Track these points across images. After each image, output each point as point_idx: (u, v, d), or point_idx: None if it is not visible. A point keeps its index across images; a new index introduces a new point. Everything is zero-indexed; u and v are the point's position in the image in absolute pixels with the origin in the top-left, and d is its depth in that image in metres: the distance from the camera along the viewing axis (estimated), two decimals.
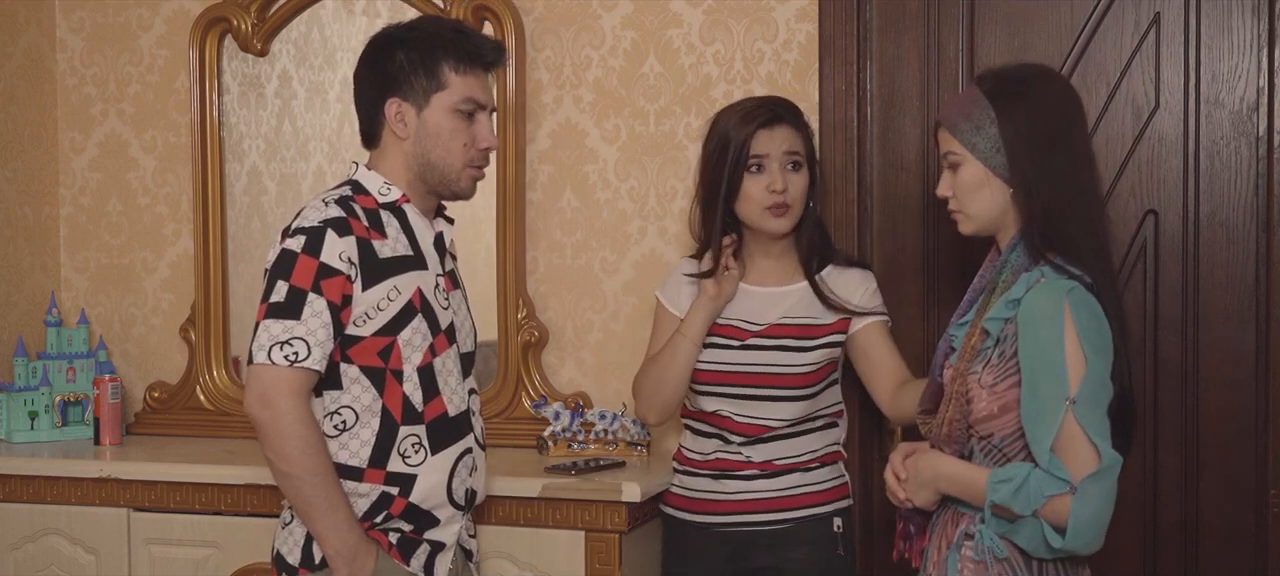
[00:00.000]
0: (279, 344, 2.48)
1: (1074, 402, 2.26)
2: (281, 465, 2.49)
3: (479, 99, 2.63)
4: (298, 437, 2.48)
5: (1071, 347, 2.27)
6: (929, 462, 2.45)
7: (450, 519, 2.65)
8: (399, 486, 2.58)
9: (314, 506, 2.50)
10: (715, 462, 2.96)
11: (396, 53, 2.61)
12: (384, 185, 2.62)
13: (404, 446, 2.58)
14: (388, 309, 2.55)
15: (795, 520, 2.93)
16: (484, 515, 3.00)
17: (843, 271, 2.98)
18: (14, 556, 3.37)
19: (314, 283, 2.49)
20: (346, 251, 2.52)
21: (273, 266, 2.53)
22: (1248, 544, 3.16)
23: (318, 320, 2.49)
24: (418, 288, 2.59)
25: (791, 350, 2.91)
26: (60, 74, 3.93)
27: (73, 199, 3.93)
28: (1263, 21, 3.09)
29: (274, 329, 2.48)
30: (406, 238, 2.62)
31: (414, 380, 2.59)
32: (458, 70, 2.60)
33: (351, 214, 2.55)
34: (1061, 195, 2.37)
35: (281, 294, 2.49)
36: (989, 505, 2.32)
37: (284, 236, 2.54)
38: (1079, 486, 2.24)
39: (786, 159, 2.88)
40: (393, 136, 2.63)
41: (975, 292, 2.53)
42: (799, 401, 2.92)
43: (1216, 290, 3.14)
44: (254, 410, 2.50)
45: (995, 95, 2.41)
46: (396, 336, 2.56)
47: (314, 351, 2.49)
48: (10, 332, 3.78)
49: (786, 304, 2.95)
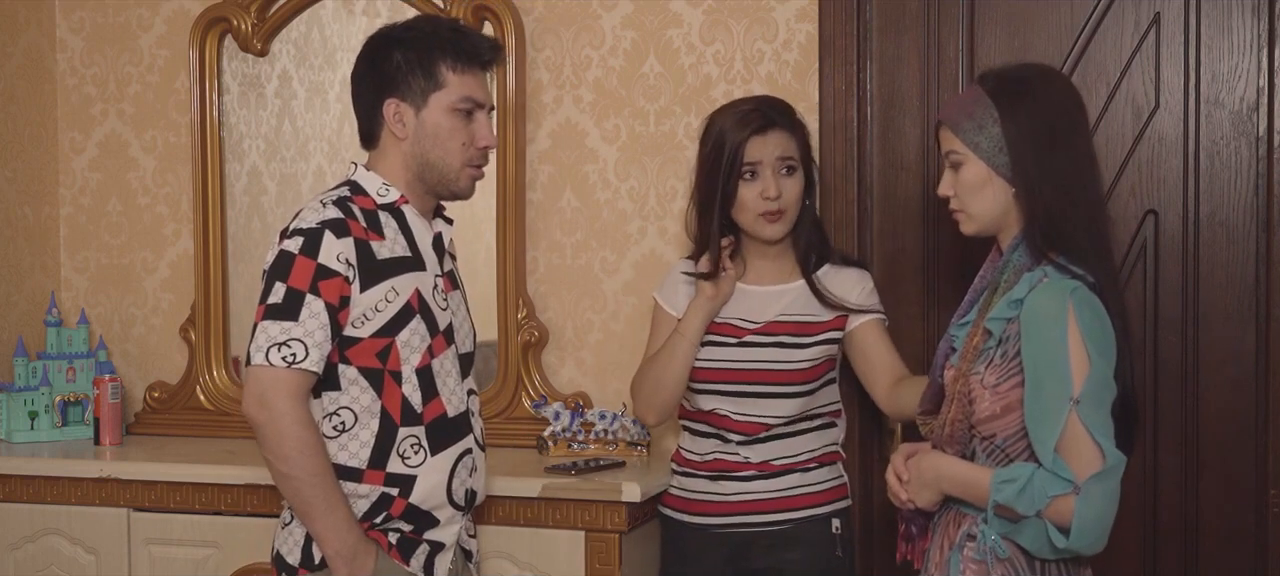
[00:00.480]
0: (277, 345, 2.47)
1: (1077, 402, 2.26)
2: (280, 466, 2.50)
3: (477, 98, 2.63)
4: (296, 438, 2.48)
5: (1075, 347, 2.27)
6: (931, 463, 2.45)
7: (450, 519, 2.65)
8: (399, 487, 2.58)
9: (313, 507, 2.50)
10: (713, 463, 2.96)
11: (393, 53, 2.61)
12: (382, 186, 2.62)
13: (403, 447, 2.58)
14: (386, 310, 2.55)
15: (793, 521, 2.93)
16: (484, 515, 3.00)
17: (839, 270, 2.98)
18: (14, 556, 3.37)
19: (312, 284, 2.49)
20: (344, 253, 2.51)
21: (270, 268, 2.53)
22: (1248, 544, 3.16)
23: (315, 321, 2.49)
24: (416, 288, 2.59)
25: (788, 347, 2.91)
26: (60, 74, 3.92)
27: (73, 199, 3.93)
28: (1263, 21, 3.09)
29: (272, 330, 2.48)
30: (405, 238, 2.62)
31: (413, 381, 2.58)
32: (455, 69, 2.60)
33: (349, 215, 2.55)
34: (1064, 195, 2.37)
35: (279, 295, 2.49)
36: (992, 505, 2.32)
37: (282, 237, 2.54)
38: (1083, 486, 2.24)
39: (780, 164, 2.89)
40: (391, 137, 2.62)
41: (976, 293, 2.53)
42: (795, 398, 2.92)
43: (1216, 290, 3.14)
44: (252, 411, 2.50)
45: (997, 95, 2.41)
46: (394, 337, 2.56)
47: (311, 353, 2.48)
48: (10, 332, 3.78)
49: (784, 302, 2.95)
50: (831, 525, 2.96)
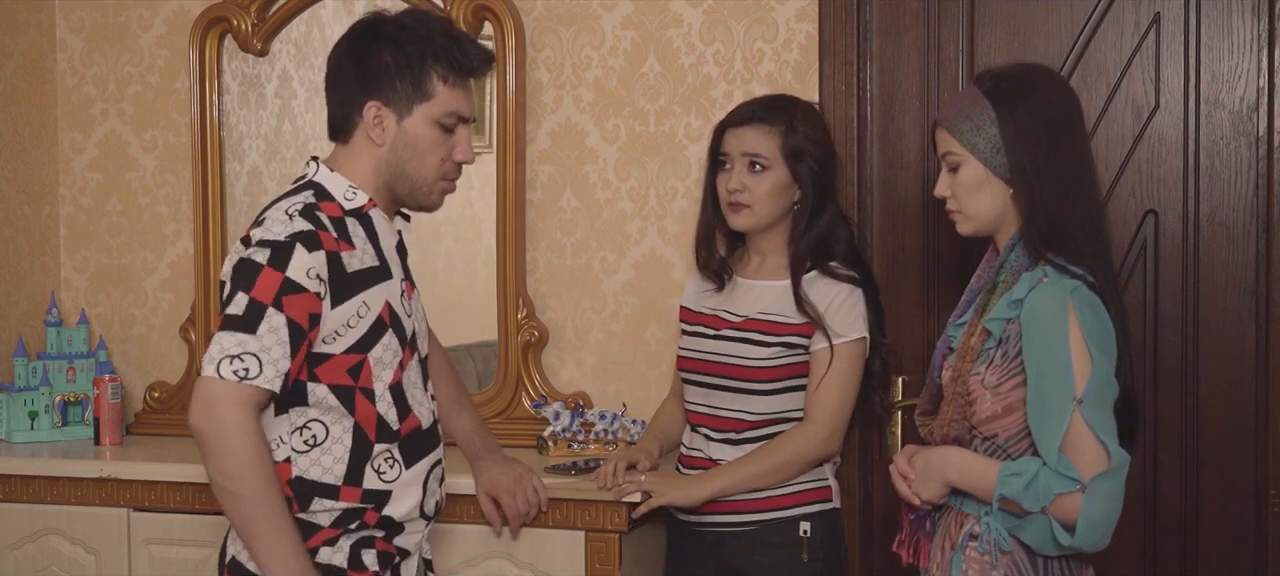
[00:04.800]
0: (230, 358, 2.32)
1: (1081, 402, 2.26)
2: (222, 481, 2.33)
3: (463, 112, 2.50)
4: (242, 451, 2.32)
5: (1077, 347, 2.28)
6: (939, 454, 2.43)
7: (416, 529, 2.58)
8: (374, 502, 2.48)
9: (256, 526, 2.34)
10: (694, 460, 2.97)
11: (382, 51, 2.47)
12: (349, 189, 2.48)
13: (378, 462, 2.48)
14: (358, 326, 2.43)
15: (759, 522, 2.88)
16: (483, 515, 2.99)
17: (827, 281, 2.89)
18: (14, 556, 3.37)
19: (275, 298, 2.33)
20: (315, 268, 2.37)
21: (233, 276, 2.38)
22: (1248, 544, 3.16)
23: (273, 337, 2.33)
24: (386, 300, 2.47)
25: (755, 344, 2.89)
26: (60, 74, 3.93)
27: (73, 199, 3.93)
28: (1263, 21, 3.09)
29: (227, 342, 2.33)
30: (372, 246, 2.48)
31: (387, 398, 2.47)
32: (447, 81, 2.47)
33: (319, 226, 2.40)
34: (1063, 195, 2.37)
35: (240, 306, 2.34)
36: (997, 498, 2.32)
37: (246, 246, 2.40)
38: (1089, 485, 2.24)
39: (745, 160, 2.88)
40: (366, 139, 2.49)
41: (973, 293, 2.53)
42: (758, 396, 2.89)
43: (1216, 290, 3.14)
44: (197, 421, 2.34)
45: (995, 95, 2.40)
46: (367, 354, 2.44)
47: (266, 369, 2.33)
48: (10, 332, 3.78)
49: (766, 299, 2.93)
50: (800, 528, 2.89)
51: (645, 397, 3.43)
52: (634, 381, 3.49)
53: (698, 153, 3.04)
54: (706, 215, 2.98)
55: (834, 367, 2.85)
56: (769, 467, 2.85)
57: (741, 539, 2.89)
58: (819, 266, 2.90)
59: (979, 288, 2.52)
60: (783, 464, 2.85)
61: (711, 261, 2.98)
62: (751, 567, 2.89)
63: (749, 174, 2.87)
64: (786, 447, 2.86)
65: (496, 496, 2.92)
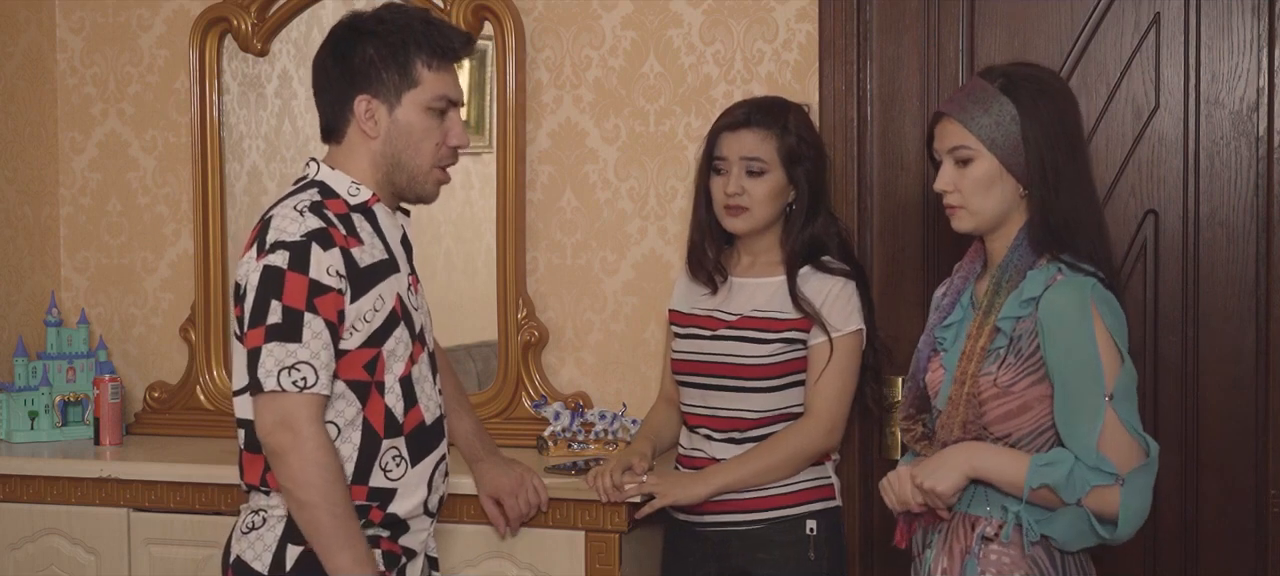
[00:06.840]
0: (286, 369, 2.36)
1: (1112, 398, 2.26)
2: (301, 493, 2.37)
3: (452, 95, 2.52)
4: (321, 465, 2.37)
5: (1104, 344, 2.28)
6: (962, 448, 2.39)
7: (421, 526, 2.60)
8: (380, 500, 2.50)
9: (334, 540, 2.38)
10: (695, 460, 2.96)
11: (365, 46, 2.48)
12: (352, 185, 2.51)
13: (385, 459, 2.49)
14: (374, 320, 2.45)
15: (766, 521, 2.88)
16: (483, 514, 2.99)
17: (822, 276, 2.90)
18: (14, 556, 3.37)
19: (308, 302, 2.37)
20: (334, 265, 2.40)
21: (259, 285, 2.39)
22: (1248, 544, 3.16)
23: (318, 341, 2.38)
24: (397, 293, 2.50)
25: (753, 342, 2.89)
26: (60, 74, 3.92)
27: (73, 199, 3.93)
28: (1263, 21, 3.09)
29: (278, 353, 2.36)
30: (380, 241, 2.51)
31: (396, 391, 2.49)
32: (431, 65, 2.49)
33: (329, 223, 2.43)
34: (1077, 197, 2.36)
35: (278, 315, 2.37)
36: (1028, 491, 2.30)
37: (260, 251, 2.41)
38: (1127, 478, 2.26)
39: (743, 164, 2.88)
40: (360, 134, 2.51)
41: (958, 292, 2.51)
42: (760, 393, 2.89)
43: (1216, 290, 3.14)
44: (276, 437, 2.37)
45: (1014, 93, 2.37)
46: (381, 347, 2.46)
47: (320, 375, 2.38)
48: (10, 332, 3.78)
49: (761, 297, 2.93)
50: (806, 526, 2.89)
51: (645, 398, 3.42)
52: (634, 381, 3.49)
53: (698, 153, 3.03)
54: (699, 218, 2.97)
55: (833, 361, 2.85)
56: (771, 463, 2.85)
57: (747, 538, 2.89)
58: (811, 262, 2.91)
59: (964, 287, 2.51)
60: (785, 459, 2.85)
61: (707, 264, 2.97)
62: (757, 567, 2.89)
63: (747, 177, 2.87)
64: (788, 443, 2.86)
65: (499, 498, 2.92)
